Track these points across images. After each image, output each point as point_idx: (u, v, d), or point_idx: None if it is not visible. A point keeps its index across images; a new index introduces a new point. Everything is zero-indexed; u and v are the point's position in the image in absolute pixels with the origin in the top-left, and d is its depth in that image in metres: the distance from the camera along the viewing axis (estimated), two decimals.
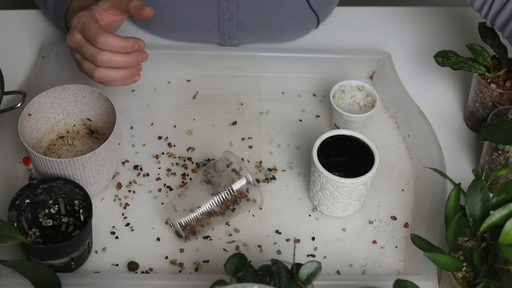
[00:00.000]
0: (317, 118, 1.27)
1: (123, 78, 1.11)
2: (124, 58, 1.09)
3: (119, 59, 1.09)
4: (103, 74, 1.10)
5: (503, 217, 0.97)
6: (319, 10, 1.33)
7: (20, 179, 1.16)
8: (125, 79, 1.12)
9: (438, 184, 1.14)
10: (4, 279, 1.02)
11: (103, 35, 1.08)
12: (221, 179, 1.09)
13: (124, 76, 1.11)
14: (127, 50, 1.09)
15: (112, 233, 1.12)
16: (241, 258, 0.96)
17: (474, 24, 1.22)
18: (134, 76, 1.12)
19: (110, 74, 1.10)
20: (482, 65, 1.19)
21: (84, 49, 1.10)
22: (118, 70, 1.10)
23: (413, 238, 0.99)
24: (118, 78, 1.11)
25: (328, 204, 1.12)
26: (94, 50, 1.09)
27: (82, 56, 1.11)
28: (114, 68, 1.10)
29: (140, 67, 1.13)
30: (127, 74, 1.11)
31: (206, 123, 1.26)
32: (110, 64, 1.09)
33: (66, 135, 1.19)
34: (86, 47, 1.10)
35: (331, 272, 1.09)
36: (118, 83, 1.12)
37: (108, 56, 1.08)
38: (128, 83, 1.12)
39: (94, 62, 1.09)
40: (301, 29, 1.36)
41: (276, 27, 1.32)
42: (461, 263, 0.97)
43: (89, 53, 1.09)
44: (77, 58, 1.12)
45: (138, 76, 1.13)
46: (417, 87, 1.30)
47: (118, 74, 1.11)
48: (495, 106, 1.20)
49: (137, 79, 1.13)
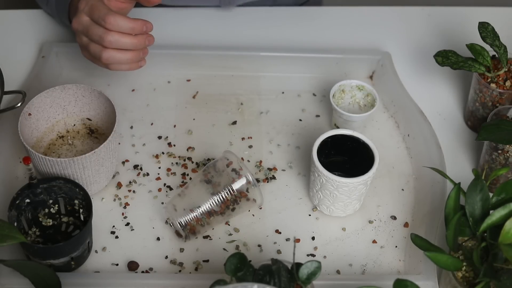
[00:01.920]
0: (317, 118, 1.27)
1: (130, 61, 1.11)
2: (132, 39, 1.09)
3: (127, 40, 1.09)
4: (110, 55, 1.09)
5: (503, 216, 0.97)
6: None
7: (20, 178, 1.16)
8: (132, 62, 1.11)
9: (438, 184, 1.14)
10: (4, 278, 1.02)
11: (112, 15, 1.07)
12: (221, 178, 1.09)
13: (131, 58, 1.11)
14: (135, 32, 1.09)
15: (112, 232, 1.12)
16: (241, 257, 0.96)
17: (474, 24, 1.22)
18: (140, 60, 1.12)
19: (117, 55, 1.10)
20: (482, 65, 1.19)
21: (92, 30, 1.09)
22: (125, 52, 1.10)
23: (413, 238, 0.99)
24: (125, 60, 1.10)
25: (328, 204, 1.12)
26: (102, 31, 1.08)
27: (89, 38, 1.10)
28: (121, 50, 1.09)
29: (146, 51, 1.12)
30: (134, 57, 1.11)
31: (206, 123, 1.26)
32: (117, 45, 1.09)
33: (66, 135, 1.19)
34: (93, 28, 1.09)
35: (331, 272, 1.09)
36: (124, 66, 1.11)
37: (116, 36, 1.08)
38: (134, 67, 1.12)
39: (102, 43, 1.09)
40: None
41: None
42: (461, 263, 0.97)
43: (96, 33, 1.09)
44: (83, 42, 1.12)
45: (144, 61, 1.13)
46: (417, 87, 1.30)
47: (125, 56, 1.10)
48: (495, 105, 1.20)
49: (143, 64, 1.13)
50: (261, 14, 1.41)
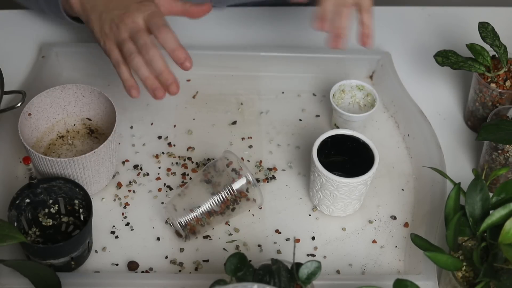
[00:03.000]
0: (317, 118, 1.27)
1: (144, 78, 1.06)
2: (163, 64, 1.06)
3: (160, 61, 1.06)
4: (140, 62, 1.06)
5: (503, 216, 0.97)
6: None
7: (20, 178, 1.16)
8: (145, 79, 1.06)
9: (438, 184, 1.14)
10: (4, 278, 1.02)
11: (168, 28, 1.06)
12: (221, 178, 1.09)
13: (146, 76, 1.06)
14: (174, 54, 1.06)
15: (112, 232, 1.12)
16: (241, 257, 0.96)
17: (474, 24, 1.22)
18: (154, 89, 1.07)
19: (142, 67, 1.06)
20: (482, 65, 1.19)
21: (141, 35, 1.07)
22: (145, 69, 1.06)
23: (413, 238, 0.99)
24: (142, 73, 1.06)
25: (328, 204, 1.12)
26: (150, 41, 1.06)
27: (133, 38, 1.07)
28: (147, 65, 1.07)
29: (159, 93, 1.07)
30: (149, 80, 1.06)
31: (206, 122, 1.26)
32: (149, 57, 1.06)
33: (66, 135, 1.19)
34: (144, 34, 1.07)
35: (331, 272, 1.09)
36: (129, 82, 1.08)
37: (155, 52, 1.06)
38: (134, 93, 1.08)
39: (141, 50, 1.06)
40: None
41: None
42: (461, 263, 0.97)
43: (144, 39, 1.06)
44: (121, 36, 1.08)
45: (137, 92, 1.09)
46: (417, 87, 1.30)
47: (144, 72, 1.06)
48: (495, 105, 1.20)
49: (135, 95, 1.09)
50: (261, 14, 1.41)
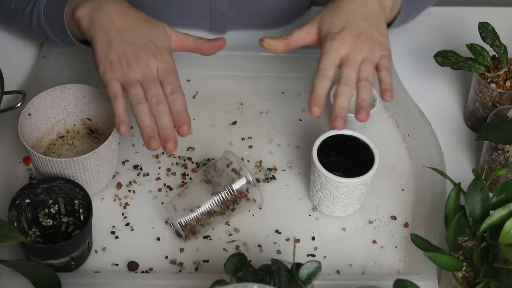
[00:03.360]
0: (317, 118, 1.27)
1: (144, 125, 1.03)
2: (169, 121, 1.03)
3: (167, 118, 1.03)
4: (145, 110, 1.03)
5: (503, 217, 0.97)
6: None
7: (20, 178, 1.16)
8: (145, 127, 1.03)
9: (438, 184, 1.14)
10: (4, 278, 1.02)
11: (179, 90, 1.06)
12: (221, 178, 1.09)
13: (146, 125, 1.03)
14: (178, 117, 1.04)
15: (112, 232, 1.12)
16: (241, 257, 0.96)
17: (474, 24, 1.22)
18: (149, 138, 1.02)
19: (146, 116, 1.03)
20: (482, 65, 1.19)
21: (153, 85, 1.04)
22: (149, 118, 1.03)
23: (413, 238, 0.99)
24: (143, 121, 1.03)
25: (328, 204, 1.12)
26: (161, 93, 1.04)
27: (142, 82, 1.05)
28: (151, 115, 1.04)
29: (154, 144, 1.03)
30: (148, 128, 1.03)
31: (206, 123, 1.26)
32: (158, 110, 1.03)
33: (66, 135, 1.19)
34: (156, 85, 1.05)
35: (331, 272, 1.09)
36: (123, 128, 1.04)
37: (165, 108, 1.03)
38: (124, 129, 1.03)
39: (150, 100, 1.04)
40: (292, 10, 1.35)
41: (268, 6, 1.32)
42: (461, 263, 0.97)
43: (156, 90, 1.04)
44: (131, 75, 1.05)
45: (126, 129, 1.04)
46: (417, 87, 1.30)
47: (146, 120, 1.03)
48: (495, 106, 1.20)
49: (124, 131, 1.03)
50: None
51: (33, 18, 1.19)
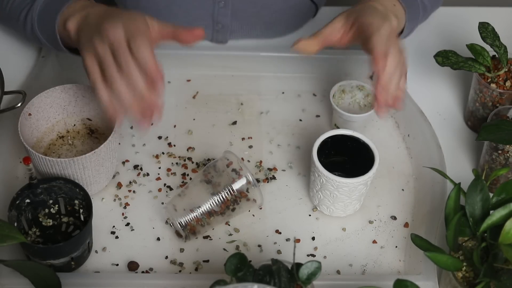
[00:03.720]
0: (317, 118, 1.27)
1: (127, 106, 0.99)
2: (143, 87, 0.98)
3: (140, 80, 0.98)
4: (121, 87, 0.99)
5: (503, 217, 0.97)
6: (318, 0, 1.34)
7: (20, 179, 1.16)
8: (129, 108, 0.99)
9: (438, 184, 1.14)
10: (4, 278, 1.02)
11: (145, 40, 0.99)
12: (221, 179, 1.09)
13: (129, 104, 0.99)
14: (149, 70, 0.99)
15: (112, 232, 1.12)
16: (241, 258, 0.96)
17: (474, 24, 1.22)
18: (138, 122, 1.00)
19: (124, 94, 0.99)
20: (482, 65, 1.19)
21: (120, 51, 0.99)
22: (128, 95, 0.99)
23: (413, 238, 0.99)
24: (125, 102, 0.99)
25: (328, 204, 1.12)
26: (128, 55, 0.99)
27: (113, 49, 1.00)
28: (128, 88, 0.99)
29: (144, 125, 1.00)
30: (133, 110, 0.99)
31: (206, 123, 1.26)
32: (129, 77, 0.98)
33: (66, 135, 1.19)
34: (122, 49, 0.99)
35: (331, 272, 1.09)
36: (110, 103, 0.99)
37: (136, 72, 0.98)
38: (120, 120, 1.00)
39: (120, 67, 0.99)
40: (295, 22, 1.36)
41: (270, 19, 1.32)
42: (461, 263, 0.97)
43: (124, 55, 0.99)
44: (99, 49, 1.00)
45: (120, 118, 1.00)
46: (417, 87, 1.30)
47: (127, 99, 0.98)
48: (495, 106, 1.20)
49: (118, 120, 1.00)
50: None
51: (27, 25, 1.19)
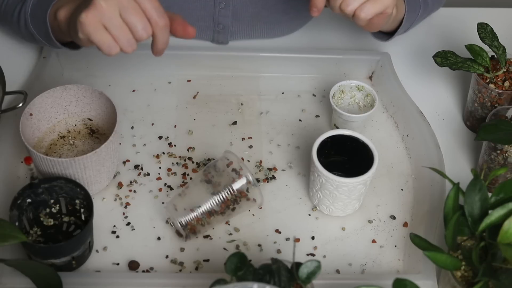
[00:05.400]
0: (316, 118, 1.28)
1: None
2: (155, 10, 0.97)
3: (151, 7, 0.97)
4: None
5: (502, 216, 0.97)
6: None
7: (22, 178, 1.17)
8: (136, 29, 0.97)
9: (437, 184, 1.15)
10: (5, 278, 1.03)
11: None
12: (222, 178, 1.10)
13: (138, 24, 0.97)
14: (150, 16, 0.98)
15: (113, 232, 1.12)
16: (241, 257, 0.96)
17: (473, 24, 1.23)
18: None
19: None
20: (481, 66, 1.19)
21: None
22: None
23: (412, 237, 0.99)
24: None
25: (327, 204, 1.13)
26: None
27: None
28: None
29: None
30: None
31: (207, 123, 1.26)
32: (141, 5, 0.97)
33: (67, 135, 1.19)
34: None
35: (331, 271, 1.09)
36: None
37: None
38: (128, 48, 0.99)
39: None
40: (295, 23, 1.36)
41: (271, 19, 1.33)
42: (460, 262, 0.97)
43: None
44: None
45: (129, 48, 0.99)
46: (416, 87, 1.30)
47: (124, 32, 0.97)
48: (494, 106, 1.20)
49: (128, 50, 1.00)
50: None
51: (21, 21, 1.19)
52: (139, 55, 1.30)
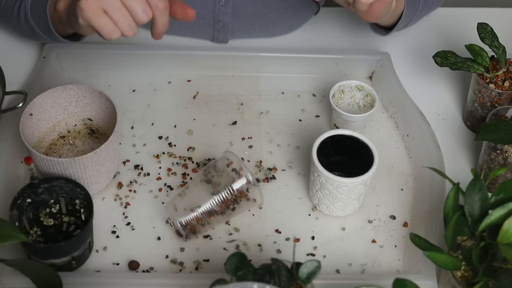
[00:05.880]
0: (316, 118, 1.28)
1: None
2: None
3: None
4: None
5: (502, 216, 0.97)
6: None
7: (22, 178, 1.17)
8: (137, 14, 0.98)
9: (437, 184, 1.15)
10: (5, 278, 1.03)
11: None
12: (222, 178, 1.10)
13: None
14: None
15: (113, 232, 1.12)
16: (241, 257, 0.96)
17: (473, 24, 1.23)
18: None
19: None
20: (481, 65, 1.20)
21: None
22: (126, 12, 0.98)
23: (412, 237, 0.99)
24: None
25: (327, 204, 1.13)
26: None
27: None
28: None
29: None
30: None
31: (207, 123, 1.26)
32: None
33: (67, 135, 1.19)
34: None
35: (331, 271, 1.09)
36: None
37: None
38: (128, 32, 1.00)
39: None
40: (295, 21, 1.36)
41: (270, 17, 1.33)
42: (459, 262, 0.97)
43: None
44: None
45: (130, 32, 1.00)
46: (416, 87, 1.31)
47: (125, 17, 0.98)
48: (494, 106, 1.20)
49: (129, 34, 1.00)
50: None
51: (21, 15, 1.20)
52: (139, 55, 1.31)
